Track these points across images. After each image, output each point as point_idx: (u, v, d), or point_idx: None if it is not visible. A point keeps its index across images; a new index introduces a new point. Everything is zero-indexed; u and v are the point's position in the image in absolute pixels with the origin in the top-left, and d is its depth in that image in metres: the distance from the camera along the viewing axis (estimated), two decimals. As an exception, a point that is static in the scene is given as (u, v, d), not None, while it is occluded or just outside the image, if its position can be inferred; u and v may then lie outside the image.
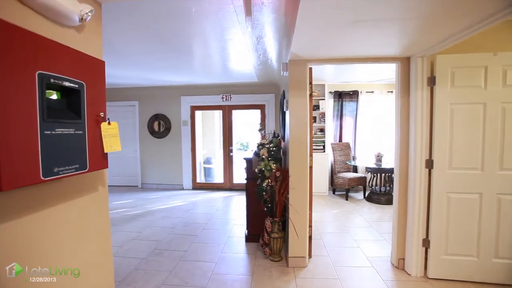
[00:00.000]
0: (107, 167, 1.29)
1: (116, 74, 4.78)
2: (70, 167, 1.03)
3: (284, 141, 3.73)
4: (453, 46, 2.07)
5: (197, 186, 6.41)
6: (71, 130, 1.04)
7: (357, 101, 5.67)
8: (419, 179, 2.37)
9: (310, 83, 2.72)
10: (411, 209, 2.43)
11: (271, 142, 3.25)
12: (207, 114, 7.27)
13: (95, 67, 1.21)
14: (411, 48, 2.27)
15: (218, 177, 6.84)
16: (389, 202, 4.69)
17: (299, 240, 2.60)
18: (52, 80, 0.95)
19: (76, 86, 1.07)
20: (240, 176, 6.41)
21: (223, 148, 6.30)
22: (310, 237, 2.79)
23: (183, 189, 6.34)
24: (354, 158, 5.72)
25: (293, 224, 2.59)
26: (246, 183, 3.37)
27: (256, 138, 4.52)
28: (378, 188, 4.92)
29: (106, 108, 1.28)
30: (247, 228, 3.42)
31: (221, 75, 5.02)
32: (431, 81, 2.33)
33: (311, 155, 2.71)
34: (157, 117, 6.38)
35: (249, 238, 3.35)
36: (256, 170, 3.04)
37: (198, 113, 6.51)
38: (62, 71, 0.99)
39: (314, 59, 2.60)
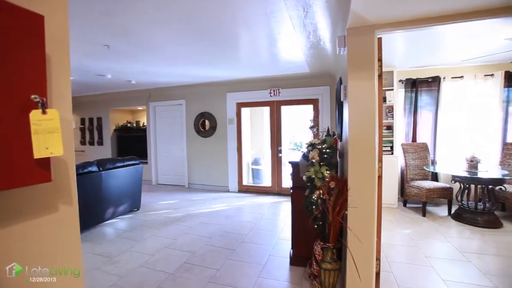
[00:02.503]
0: (50, 180, 0.83)
1: (160, 72, 4.65)
2: None
3: (340, 141, 2.97)
4: None
5: (243, 189, 6.00)
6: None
7: (438, 90, 4.45)
8: None
9: (380, 59, 1.95)
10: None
11: (324, 142, 2.55)
12: (256, 111, 6.81)
13: (23, 21, 0.76)
14: None
15: (267, 180, 6.32)
16: (491, 224, 3.46)
17: (361, 281, 1.86)
18: None
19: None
20: (290, 179, 5.75)
21: (271, 148, 5.75)
22: (377, 274, 2.01)
23: (228, 191, 6.00)
24: (433, 163, 4.52)
25: (353, 257, 1.86)
26: (291, 192, 2.74)
27: (309, 137, 3.82)
28: (472, 204, 3.70)
29: (158, 107, 0.83)
30: (292, 248, 2.78)
31: (268, 67, 4.46)
32: None
33: (380, 160, 1.94)
34: (203, 115, 6.18)
35: (294, 261, 2.71)
36: (304, 177, 2.38)
37: (244, 111, 6.10)
38: None
39: (386, 22, 1.82)
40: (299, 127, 10.00)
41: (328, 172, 2.30)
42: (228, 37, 3.03)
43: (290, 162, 2.68)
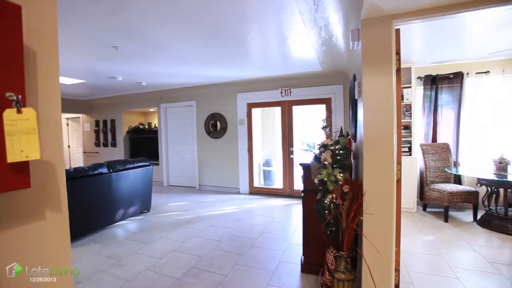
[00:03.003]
0: (29, 186, 0.75)
1: (169, 73, 4.62)
2: None
3: (355, 142, 2.80)
4: None
5: (254, 191, 5.89)
6: None
7: (460, 86, 4.17)
8: None
9: (398, 53, 1.79)
10: None
11: (336, 142, 2.41)
12: (267, 111, 6.69)
13: (-4, 10, 0.68)
14: None
15: (278, 181, 6.18)
16: (523, 231, 3.18)
17: (379, 293, 1.70)
18: None
19: None
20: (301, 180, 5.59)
21: (283, 149, 5.61)
22: (396, 286, 1.85)
23: (239, 193, 5.91)
24: (456, 165, 4.24)
25: (369, 267, 1.71)
26: (302, 196, 2.60)
27: (321, 138, 3.66)
28: (502, 209, 3.42)
29: (169, 108, 0.76)
30: (303, 254, 2.64)
31: (279, 65, 4.34)
32: None
33: (399, 163, 1.78)
34: (213, 116, 6.13)
35: (305, 268, 2.57)
36: (316, 180, 2.25)
37: (255, 111, 5.99)
38: None
39: (404, 11, 1.66)
40: (311, 128, 9.80)
41: (341, 175, 2.16)
42: (237, 34, 2.94)
43: (301, 164, 2.54)
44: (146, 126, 7.40)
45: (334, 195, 2.13)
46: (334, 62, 4.16)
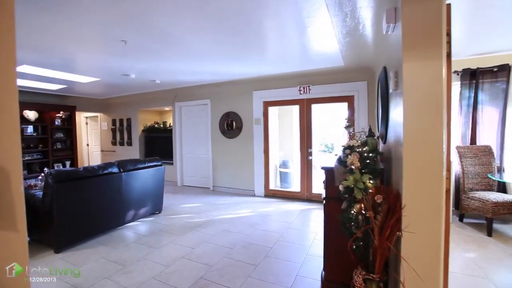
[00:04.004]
0: None
1: (183, 69, 4.45)
2: None
3: (383, 143, 2.46)
4: None
5: (269, 194, 5.61)
6: None
7: (507, 81, 3.66)
8: None
9: (448, 34, 1.45)
10: None
11: (365, 143, 2.08)
12: (284, 110, 6.39)
13: None
14: None
15: (295, 184, 5.87)
16: None
17: (424, 333, 1.37)
18: None
19: None
20: (321, 184, 5.23)
21: (301, 150, 5.29)
22: (442, 321, 1.50)
23: (254, 195, 5.65)
24: (500, 170, 3.73)
25: (411, 299, 1.38)
26: (324, 204, 2.29)
27: (342, 139, 3.34)
28: (559, 223, 2.92)
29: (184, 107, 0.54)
30: (324, 269, 2.33)
31: (298, 60, 4.04)
32: None
33: (448, 170, 1.43)
34: (228, 115, 5.92)
35: (326, 285, 2.25)
36: (341, 187, 1.94)
37: (272, 110, 5.71)
38: None
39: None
40: (330, 128, 9.38)
41: (371, 181, 1.84)
42: (252, 23, 2.67)
43: (323, 168, 2.23)
44: (161, 125, 7.33)
45: (362, 206, 1.81)
46: (358, 56, 3.80)
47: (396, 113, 1.73)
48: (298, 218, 4.19)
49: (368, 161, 1.92)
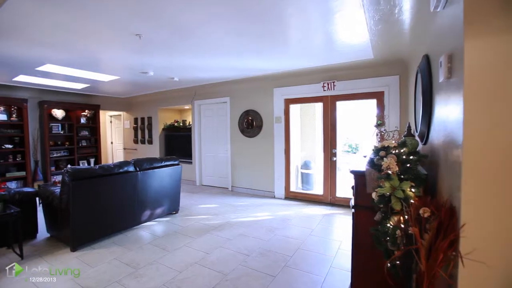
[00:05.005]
0: None
1: (200, 65, 4.30)
2: None
3: (423, 143, 2.12)
4: None
5: (290, 196, 5.34)
6: None
7: None
8: None
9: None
10: None
11: (403, 144, 1.78)
12: (307, 108, 6.08)
13: None
14: None
15: (318, 186, 5.55)
16: None
17: None
18: None
19: None
20: (346, 188, 4.89)
21: (324, 151, 4.96)
22: None
23: (274, 197, 5.40)
24: None
25: None
26: (353, 212, 2.00)
27: (369, 139, 3.02)
28: None
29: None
30: (352, 286, 2.04)
31: (322, 53, 3.73)
32: None
33: (524, 179, 1.10)
34: (248, 113, 5.71)
35: (355, 307, 1.97)
36: (374, 195, 1.64)
37: (294, 108, 5.43)
38: None
39: None
40: (355, 127, 8.89)
41: (413, 190, 1.53)
42: (272, 10, 2.43)
43: (352, 172, 1.94)
44: (181, 124, 7.30)
45: (402, 219, 1.51)
46: (391, 46, 3.42)
47: (448, 107, 1.40)
48: (321, 224, 3.89)
49: (409, 165, 1.61)
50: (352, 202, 2.02)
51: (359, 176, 1.88)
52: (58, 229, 3.33)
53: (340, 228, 3.73)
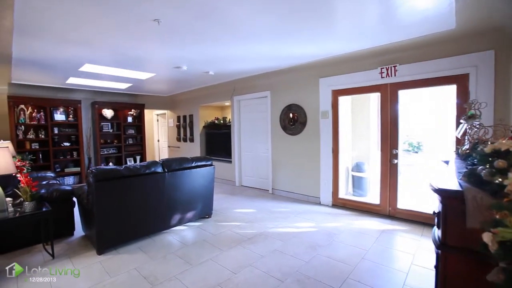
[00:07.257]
0: None
1: (236, 55, 3.85)
2: None
3: None
4: None
5: (338, 203, 4.57)
6: None
7: None
8: None
9: None
10: None
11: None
12: (360, 100, 5.17)
13: None
14: None
15: (373, 193, 4.66)
16: None
17: None
18: None
19: None
20: (409, 198, 3.93)
21: (381, 151, 4.07)
22: None
23: (319, 204, 4.71)
24: None
25: None
26: (439, 254, 1.28)
27: (445, 135, 2.13)
28: None
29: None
30: None
31: (380, 29, 2.94)
32: None
33: None
34: (290, 108, 5.10)
35: None
36: (486, 238, 0.93)
37: (343, 100, 4.63)
38: None
39: None
40: (417, 121, 7.55)
41: None
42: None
43: (437, 191, 1.22)
44: (221, 121, 7.03)
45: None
46: (485, 9, 2.45)
47: None
48: (378, 244, 3.10)
49: None
50: (436, 235, 1.30)
51: (451, 198, 1.15)
52: (89, 229, 3.25)
53: (404, 252, 2.90)
